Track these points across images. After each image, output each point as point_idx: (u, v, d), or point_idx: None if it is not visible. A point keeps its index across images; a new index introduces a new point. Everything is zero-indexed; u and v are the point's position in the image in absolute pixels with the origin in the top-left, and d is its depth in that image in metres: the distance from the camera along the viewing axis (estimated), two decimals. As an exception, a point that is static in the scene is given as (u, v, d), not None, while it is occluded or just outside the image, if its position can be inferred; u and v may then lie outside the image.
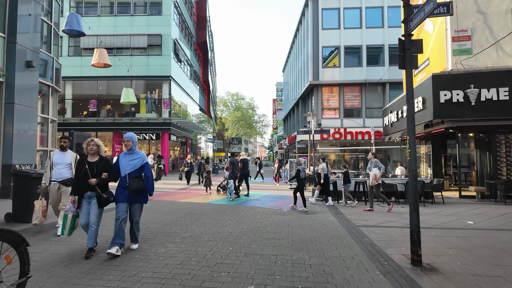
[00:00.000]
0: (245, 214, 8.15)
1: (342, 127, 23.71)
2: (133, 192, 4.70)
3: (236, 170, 11.68)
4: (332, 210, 9.21)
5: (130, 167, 4.76)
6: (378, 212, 8.79)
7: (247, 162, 12.73)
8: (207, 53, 32.66)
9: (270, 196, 12.33)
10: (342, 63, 24.21)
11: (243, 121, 52.04)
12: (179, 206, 9.23)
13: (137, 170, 4.82)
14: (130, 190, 4.67)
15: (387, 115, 17.14)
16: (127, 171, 4.75)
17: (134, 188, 4.68)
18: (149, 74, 22.49)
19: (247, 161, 12.70)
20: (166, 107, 22.41)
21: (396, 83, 24.06)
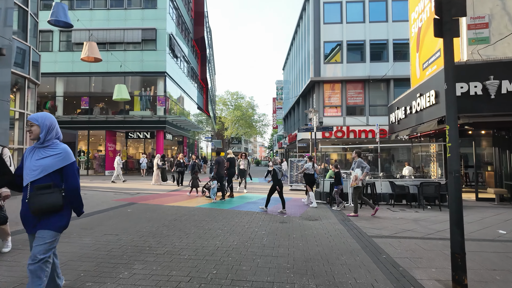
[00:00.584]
0: (239, 221, 7.01)
1: (344, 125, 22.55)
2: (36, 213, 2.66)
3: (222, 170, 10.68)
4: (338, 215, 8.06)
5: (36, 172, 2.69)
6: (390, 219, 7.65)
7: (234, 161, 11.86)
8: (205, 50, 31.53)
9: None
10: (345, 59, 23.06)
11: (242, 121, 50.90)
12: (164, 211, 8.10)
13: (48, 177, 2.72)
14: (30, 209, 2.65)
15: (393, 112, 16.00)
16: (31, 178, 2.68)
17: (37, 207, 2.63)
18: (144, 70, 21.37)
19: (234, 160, 11.80)
20: (161, 105, 21.29)
21: (401, 80, 22.89)
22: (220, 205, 9.25)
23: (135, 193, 11.69)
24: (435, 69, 12.98)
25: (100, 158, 22.05)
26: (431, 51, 13.66)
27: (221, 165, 10.62)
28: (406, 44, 23.26)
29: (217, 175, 10.51)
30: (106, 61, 21.19)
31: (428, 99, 11.53)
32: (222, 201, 10.25)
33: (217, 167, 10.56)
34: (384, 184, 10.34)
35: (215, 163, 10.71)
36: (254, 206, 9.07)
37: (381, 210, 8.93)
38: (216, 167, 10.55)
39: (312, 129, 14.45)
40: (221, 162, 10.74)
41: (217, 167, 10.56)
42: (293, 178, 14.34)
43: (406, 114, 14.06)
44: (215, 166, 10.63)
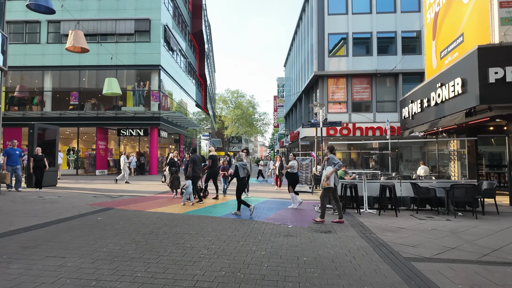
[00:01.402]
0: (232, 234, 5.46)
1: (350, 122, 20.99)
2: None
3: (198, 169, 9.33)
4: (355, 225, 6.50)
5: None
6: (421, 230, 6.08)
7: (216, 159, 10.49)
8: (204, 45, 30.00)
9: (270, 203, 9.63)
10: (350, 52, 21.49)
11: (243, 119, 49.36)
12: (142, 220, 6.55)
13: None
14: None
15: (406, 106, 14.43)
16: None
17: None
18: (137, 63, 19.85)
19: (216, 158, 10.42)
20: (155, 100, 19.77)
21: (411, 74, 21.34)
22: (212, 212, 7.70)
23: (118, 196, 10.15)
24: (456, 57, 11.43)
25: (90, 157, 20.54)
26: (451, 37, 12.10)
27: (196, 164, 9.21)
28: (416, 36, 21.74)
29: (193, 173, 9.13)
30: (97, 53, 19.71)
31: (452, 89, 9.95)
32: (214, 206, 8.71)
33: (193, 165, 9.12)
34: (404, 186, 8.77)
35: (190, 161, 9.23)
36: (254, 213, 7.52)
37: (405, 217, 7.37)
38: (191, 166, 9.10)
39: (318, 124, 12.89)
40: (197, 160, 9.33)
41: (193, 165, 9.12)
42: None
43: (423, 108, 12.49)
44: (190, 164, 9.12)
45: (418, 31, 21.50)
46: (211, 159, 10.04)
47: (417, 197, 8.20)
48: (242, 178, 7.65)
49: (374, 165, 18.81)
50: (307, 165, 12.77)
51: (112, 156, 21.74)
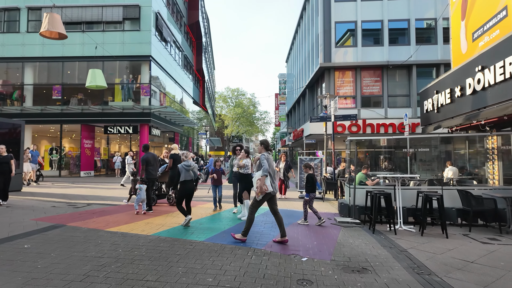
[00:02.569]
0: (215, 281, 3.36)
1: (360, 118, 18.86)
2: None
3: (153, 170, 7.65)
4: (401, 258, 4.39)
5: None
6: (494, 267, 3.97)
7: (179, 159, 8.35)
8: (201, 38, 27.88)
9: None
10: (359, 42, 19.36)
11: (243, 118, 47.29)
12: (88, 247, 4.46)
13: None
14: None
15: (428, 98, 12.31)
16: None
17: None
18: (125, 54, 17.77)
19: (179, 157, 8.33)
20: (145, 94, 17.69)
21: (426, 66, 19.23)
22: (193, 233, 5.57)
23: (85, 205, 8.07)
24: (498, 35, 9.32)
25: (75, 157, 18.49)
26: (488, 14, 9.96)
27: (150, 164, 7.42)
28: (431, 24, 19.61)
29: (147, 176, 7.44)
30: (82, 43, 17.67)
31: (501, 71, 7.83)
32: (199, 221, 6.59)
33: (146, 166, 7.40)
34: (447, 194, 6.64)
35: (143, 161, 7.36)
36: (253, 235, 5.42)
37: (458, 239, 5.26)
38: (144, 167, 7.36)
39: (329, 118, 10.77)
40: (151, 160, 7.52)
41: (146, 166, 7.40)
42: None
43: (453, 98, 10.36)
44: (143, 166, 7.33)
45: (433, 19, 19.37)
46: (172, 159, 8.10)
47: (469, 209, 6.07)
48: (184, 182, 5.98)
49: (387, 166, 16.71)
50: (316, 166, 10.66)
51: (99, 156, 19.68)
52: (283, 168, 9.82)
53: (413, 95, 19.13)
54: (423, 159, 18.74)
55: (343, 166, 10.90)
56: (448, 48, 18.97)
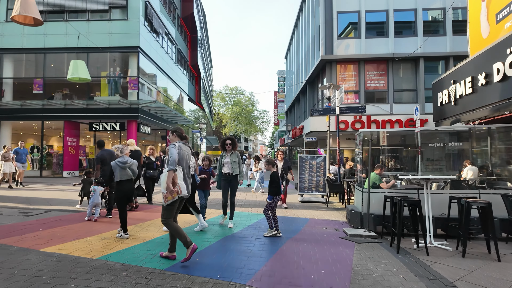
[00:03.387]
0: None
1: (364, 114, 17.43)
2: None
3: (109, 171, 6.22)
4: (433, 283, 2.96)
5: None
6: None
7: (140, 156, 7.31)
8: (196, 32, 26.42)
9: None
10: (363, 33, 17.94)
11: (242, 117, 45.88)
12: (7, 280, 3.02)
13: None
14: None
15: (444, 90, 10.89)
16: None
17: None
18: (112, 45, 16.33)
19: (139, 155, 7.26)
20: (132, 88, 16.24)
21: (434, 59, 17.81)
22: (153, 258, 4.11)
23: (41, 213, 6.63)
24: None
25: (58, 156, 17.03)
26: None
27: (107, 163, 6.16)
28: (439, 14, 18.19)
29: (103, 178, 6.31)
30: (65, 34, 16.24)
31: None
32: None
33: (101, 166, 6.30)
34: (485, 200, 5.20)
35: (97, 160, 6.15)
36: (235, 259, 3.98)
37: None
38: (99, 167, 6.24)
39: (333, 110, 9.33)
40: (107, 158, 6.28)
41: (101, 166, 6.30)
42: (304, 184, 9.23)
43: (476, 88, 8.95)
44: (97, 164, 6.22)
45: (442, 9, 17.95)
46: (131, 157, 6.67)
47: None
48: (120, 182, 4.84)
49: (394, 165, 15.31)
50: (319, 166, 9.23)
51: (85, 155, 18.22)
52: (281, 169, 8.20)
53: (420, 89, 17.72)
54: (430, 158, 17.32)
55: (350, 166, 9.46)
56: (458, 40, 17.58)
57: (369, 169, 5.74)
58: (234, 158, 5.81)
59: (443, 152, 17.19)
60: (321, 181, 9.15)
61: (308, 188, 9.18)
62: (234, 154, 5.91)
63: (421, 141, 13.33)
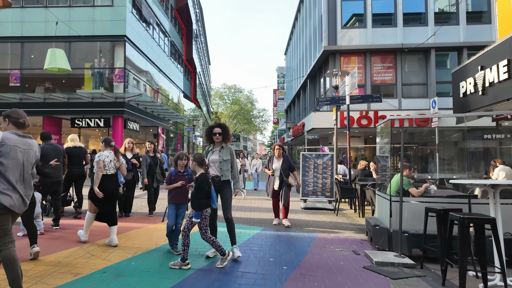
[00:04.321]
0: None
1: (370, 110, 15.91)
2: None
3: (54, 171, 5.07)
4: None
5: None
6: None
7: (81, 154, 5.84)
8: (191, 25, 24.84)
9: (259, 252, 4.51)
10: (369, 22, 16.38)
11: (240, 116, 44.31)
12: None
13: None
14: None
15: (467, 78, 9.33)
16: None
17: None
18: (95, 34, 14.78)
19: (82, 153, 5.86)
20: (118, 81, 14.69)
21: (446, 49, 16.24)
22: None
23: None
24: None
25: (38, 155, 15.41)
26: None
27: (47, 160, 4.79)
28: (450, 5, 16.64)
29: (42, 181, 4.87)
30: (45, 21, 14.69)
31: None
32: (125, 269, 3.60)
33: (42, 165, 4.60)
34: None
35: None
36: None
37: None
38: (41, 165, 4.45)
39: (342, 100, 7.76)
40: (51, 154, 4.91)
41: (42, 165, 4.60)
42: (308, 187, 7.66)
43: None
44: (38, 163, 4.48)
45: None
46: (68, 154, 5.52)
47: None
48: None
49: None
50: (325, 165, 7.67)
51: (68, 154, 16.63)
52: (279, 170, 5.66)
53: (431, 83, 16.16)
54: (441, 157, 15.79)
55: (363, 165, 7.88)
56: (472, 29, 16.06)
57: (401, 171, 4.18)
58: (225, 154, 4.00)
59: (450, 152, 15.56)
60: (328, 184, 7.59)
61: (312, 193, 7.62)
62: (226, 148, 4.06)
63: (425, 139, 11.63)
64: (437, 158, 11.64)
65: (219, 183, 3.94)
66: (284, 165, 5.73)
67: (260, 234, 5.02)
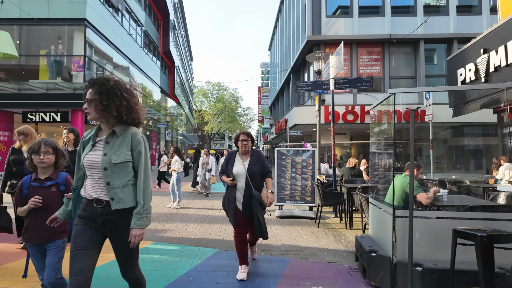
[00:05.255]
0: None
1: (356, 104, 14.65)
2: None
3: None
4: None
5: None
6: None
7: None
8: (168, 16, 23.03)
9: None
10: (355, 11, 15.12)
11: (225, 114, 42.62)
12: None
13: None
14: None
15: (470, 63, 8.08)
16: None
17: None
18: (50, 17, 12.90)
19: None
20: (77, 70, 12.87)
21: (436, 41, 15.15)
22: None
23: None
24: None
25: (-15, 154, 13.41)
26: None
27: None
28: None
29: None
30: (-8, 2, 12.63)
31: None
32: None
33: None
34: None
35: None
36: None
37: None
38: None
39: (326, 84, 6.34)
40: None
41: None
42: (285, 191, 6.20)
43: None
44: None
45: (445, -16, 15.32)
46: None
47: None
48: None
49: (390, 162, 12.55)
50: (305, 164, 6.22)
51: (23, 153, 14.65)
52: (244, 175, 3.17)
53: (420, 77, 15.03)
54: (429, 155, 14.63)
55: (353, 163, 6.47)
56: (463, 20, 15.03)
57: (411, 170, 2.75)
58: (114, 152, 1.87)
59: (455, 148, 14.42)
60: (309, 186, 6.15)
61: (290, 197, 6.15)
62: (122, 138, 1.93)
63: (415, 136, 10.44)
64: (431, 155, 10.43)
65: (104, 213, 1.81)
66: (254, 167, 3.23)
67: (207, 263, 3.49)
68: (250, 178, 3.14)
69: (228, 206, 3.18)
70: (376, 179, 4.38)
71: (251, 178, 3.14)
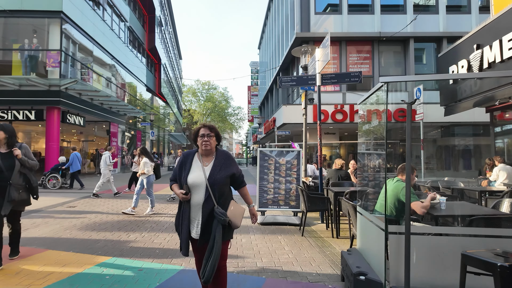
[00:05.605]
0: None
1: (345, 103, 14.26)
2: None
3: None
4: None
5: None
6: None
7: None
8: (154, 11, 22.25)
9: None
10: (345, 8, 14.72)
11: (215, 114, 41.98)
12: None
13: None
14: None
15: (462, 59, 7.71)
16: None
17: None
18: (24, 8, 12.09)
19: None
20: (52, 65, 12.09)
21: (424, 40, 14.87)
22: None
23: None
24: None
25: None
26: None
27: None
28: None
29: None
30: (-40, -8, 11.79)
31: None
32: None
33: None
34: None
35: None
36: None
37: None
38: None
39: (312, 78, 5.85)
40: None
41: None
42: (267, 195, 5.67)
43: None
44: None
45: (435, -19, 15.05)
46: None
47: None
48: None
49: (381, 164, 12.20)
50: (290, 166, 5.70)
51: None
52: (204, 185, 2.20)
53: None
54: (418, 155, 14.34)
55: (340, 165, 5.99)
56: (452, 19, 14.81)
57: (407, 175, 2.26)
58: None
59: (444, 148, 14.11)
60: (294, 189, 5.64)
61: (273, 202, 5.63)
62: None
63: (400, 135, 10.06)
64: (422, 156, 10.06)
65: None
66: (219, 174, 2.28)
67: (167, 285, 2.93)
68: (212, 189, 2.19)
69: (181, 229, 2.22)
70: (366, 182, 3.91)
71: (213, 190, 2.19)
